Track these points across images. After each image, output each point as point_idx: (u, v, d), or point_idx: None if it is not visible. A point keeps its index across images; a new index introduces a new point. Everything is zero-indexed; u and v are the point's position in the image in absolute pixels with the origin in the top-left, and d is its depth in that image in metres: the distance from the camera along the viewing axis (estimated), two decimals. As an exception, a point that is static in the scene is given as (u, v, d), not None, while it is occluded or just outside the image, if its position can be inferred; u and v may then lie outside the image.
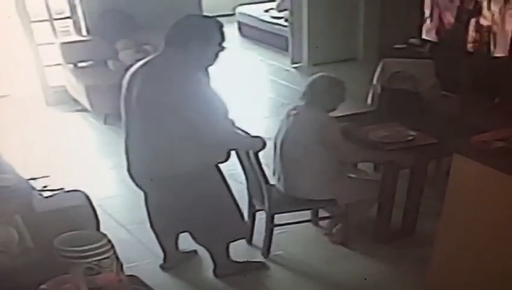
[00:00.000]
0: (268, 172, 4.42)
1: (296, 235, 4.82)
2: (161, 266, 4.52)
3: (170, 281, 4.42)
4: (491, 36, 6.32)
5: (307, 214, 4.83)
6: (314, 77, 4.46)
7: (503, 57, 6.21)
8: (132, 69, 3.90)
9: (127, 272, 3.05)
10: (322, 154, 4.29)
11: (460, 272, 3.63)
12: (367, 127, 4.73)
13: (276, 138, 4.45)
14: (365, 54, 9.13)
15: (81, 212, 3.46)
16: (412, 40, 7.41)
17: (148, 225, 4.39)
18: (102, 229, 3.48)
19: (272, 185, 4.45)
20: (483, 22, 6.41)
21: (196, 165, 3.86)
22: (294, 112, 4.38)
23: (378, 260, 4.52)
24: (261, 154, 4.19)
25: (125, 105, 3.92)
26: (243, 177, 4.61)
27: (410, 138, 4.58)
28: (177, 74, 3.70)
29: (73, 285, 2.69)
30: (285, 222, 4.63)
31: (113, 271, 2.83)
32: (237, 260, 4.45)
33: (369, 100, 6.29)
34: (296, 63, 9.36)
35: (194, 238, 4.30)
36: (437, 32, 7.09)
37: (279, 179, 4.49)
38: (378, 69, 6.15)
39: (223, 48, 3.84)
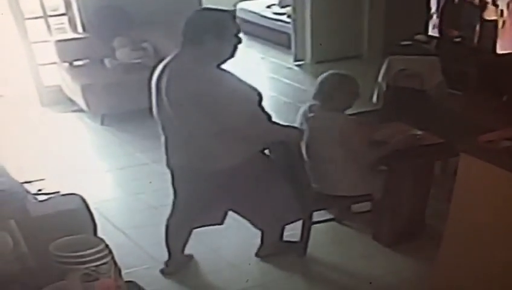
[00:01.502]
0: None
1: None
2: (162, 271, 4.52)
3: (170, 286, 4.42)
4: (498, 32, 6.33)
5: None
6: (324, 75, 4.43)
7: (510, 53, 6.23)
8: (159, 68, 3.98)
9: (126, 277, 3.07)
10: (347, 154, 4.32)
11: (467, 273, 3.64)
12: (372, 126, 4.74)
13: None
14: (370, 51, 9.14)
15: (77, 216, 3.47)
16: (418, 37, 7.40)
17: (146, 228, 4.39)
18: (99, 233, 3.50)
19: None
20: (490, 17, 6.42)
21: (234, 159, 3.97)
22: (311, 114, 4.39)
23: (385, 262, 4.53)
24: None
25: (156, 102, 3.98)
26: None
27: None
28: (198, 70, 3.79)
29: (70, 291, 2.71)
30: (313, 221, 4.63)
31: (111, 277, 2.84)
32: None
33: (374, 98, 6.31)
34: (299, 60, 9.37)
35: (251, 222, 4.45)
36: (443, 29, 7.10)
37: (312, 177, 4.47)
38: (384, 67, 6.16)
39: (239, 39, 3.93)
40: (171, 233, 4.43)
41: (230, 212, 4.42)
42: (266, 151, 4.25)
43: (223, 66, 3.92)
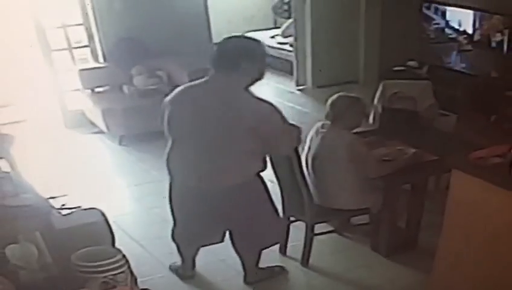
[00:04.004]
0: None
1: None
2: (181, 274, 4.51)
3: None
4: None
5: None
6: (334, 97, 4.41)
7: (497, 77, 6.21)
8: (181, 91, 3.98)
9: (141, 285, 3.02)
10: (351, 169, 4.28)
11: (461, 284, 3.58)
12: (369, 145, 4.68)
13: (307, 154, 4.44)
14: (366, 76, 9.08)
15: (97, 229, 3.43)
16: (410, 63, 7.40)
17: (160, 240, 4.36)
18: (117, 244, 3.45)
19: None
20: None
21: (245, 176, 3.92)
22: (323, 130, 4.38)
23: (381, 273, 4.46)
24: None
25: (176, 118, 3.93)
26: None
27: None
28: (236, 93, 3.83)
29: (90, 299, 2.66)
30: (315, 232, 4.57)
31: (128, 285, 2.80)
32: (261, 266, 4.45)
33: (370, 120, 6.27)
34: (301, 85, 9.33)
35: (233, 243, 4.28)
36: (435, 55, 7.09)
37: (314, 192, 4.43)
38: (379, 90, 6.13)
39: (265, 64, 4.00)
40: (181, 246, 4.39)
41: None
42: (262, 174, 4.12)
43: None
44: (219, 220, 4.12)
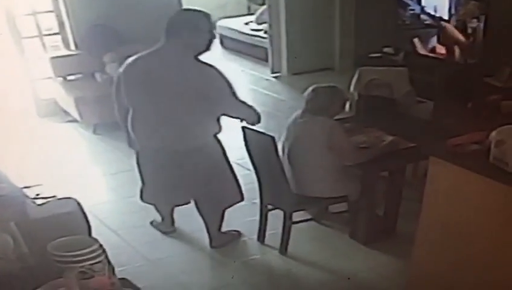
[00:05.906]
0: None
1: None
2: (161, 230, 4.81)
3: (159, 282, 4.36)
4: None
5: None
6: (309, 90, 4.40)
7: (473, 63, 6.25)
8: (133, 61, 4.22)
9: (119, 275, 3.01)
10: (329, 156, 4.29)
11: (440, 271, 3.61)
12: (346, 132, 4.69)
13: (284, 142, 4.45)
14: (342, 63, 9.11)
15: (73, 218, 3.41)
16: (386, 49, 7.41)
17: (137, 229, 4.38)
18: (93, 234, 3.44)
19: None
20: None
21: (203, 138, 4.22)
22: (301, 120, 4.37)
23: (360, 260, 4.48)
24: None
25: (133, 88, 4.19)
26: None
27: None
28: (184, 60, 4.08)
29: (67, 289, 2.65)
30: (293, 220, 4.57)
31: (105, 275, 2.79)
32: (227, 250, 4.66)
33: (347, 107, 6.24)
34: (276, 72, 9.34)
35: (197, 207, 4.53)
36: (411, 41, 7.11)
37: (291, 180, 4.42)
38: (355, 77, 6.11)
39: (213, 35, 4.21)
40: (156, 205, 4.68)
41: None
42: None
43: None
44: (182, 182, 4.35)
